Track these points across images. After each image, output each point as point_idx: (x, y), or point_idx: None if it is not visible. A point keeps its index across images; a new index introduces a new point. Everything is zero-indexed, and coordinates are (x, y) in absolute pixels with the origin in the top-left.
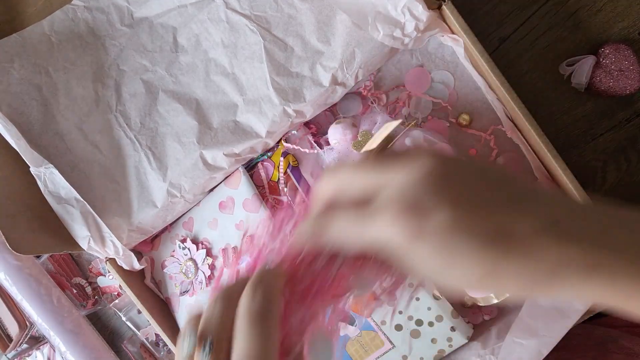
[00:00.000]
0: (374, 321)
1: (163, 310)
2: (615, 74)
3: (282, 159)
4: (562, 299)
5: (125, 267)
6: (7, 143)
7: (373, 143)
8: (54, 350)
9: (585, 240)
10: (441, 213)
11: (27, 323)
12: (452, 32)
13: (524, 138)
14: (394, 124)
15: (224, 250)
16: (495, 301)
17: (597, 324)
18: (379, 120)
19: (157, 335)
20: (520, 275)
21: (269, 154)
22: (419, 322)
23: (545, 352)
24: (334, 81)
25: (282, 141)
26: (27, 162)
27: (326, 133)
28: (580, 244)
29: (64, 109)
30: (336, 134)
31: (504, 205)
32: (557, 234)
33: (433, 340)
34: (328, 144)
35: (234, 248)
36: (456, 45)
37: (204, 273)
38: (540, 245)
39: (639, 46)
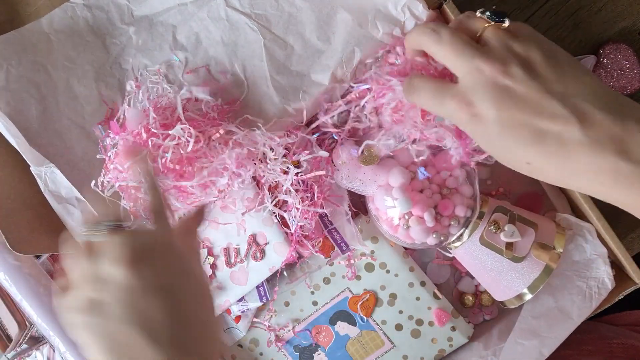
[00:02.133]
0: (375, 321)
1: None
2: (616, 74)
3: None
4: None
5: None
6: (7, 142)
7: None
8: (54, 351)
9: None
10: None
11: (27, 323)
12: None
13: None
14: None
15: (226, 249)
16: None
17: (599, 321)
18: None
19: None
20: (557, 170)
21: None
22: (419, 322)
23: (547, 353)
24: (334, 79)
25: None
26: (27, 161)
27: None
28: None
29: (64, 107)
30: (342, 156)
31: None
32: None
33: (433, 340)
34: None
35: (236, 248)
36: None
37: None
38: (576, 153)
39: (639, 46)
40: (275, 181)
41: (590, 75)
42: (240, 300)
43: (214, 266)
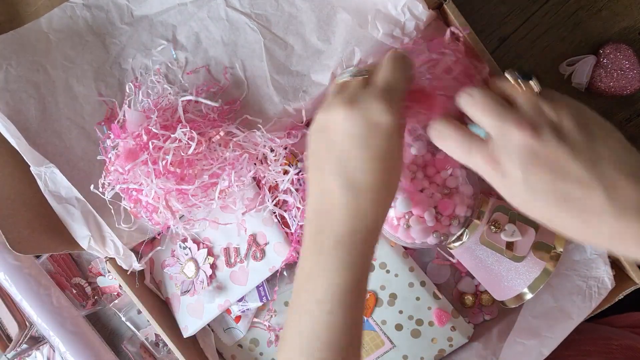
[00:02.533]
0: (375, 321)
1: (163, 310)
2: (616, 74)
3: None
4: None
5: (125, 267)
6: (7, 142)
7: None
8: (54, 351)
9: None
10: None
11: (27, 323)
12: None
13: None
14: None
15: (226, 249)
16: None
17: (599, 322)
18: None
19: (157, 335)
20: (579, 231)
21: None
22: (419, 322)
23: (547, 353)
24: (334, 79)
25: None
26: (27, 161)
27: None
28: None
29: (64, 107)
30: None
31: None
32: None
33: (433, 340)
34: None
35: (236, 248)
36: None
37: (205, 272)
38: (600, 219)
39: (639, 46)
40: (276, 181)
41: (619, 140)
42: (240, 300)
43: (214, 266)
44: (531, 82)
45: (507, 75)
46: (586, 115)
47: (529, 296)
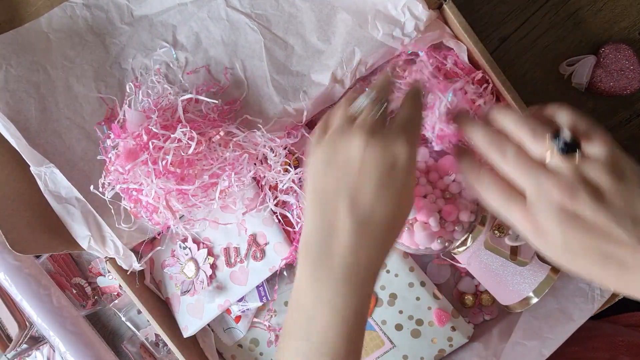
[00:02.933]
0: (375, 321)
1: (163, 310)
2: (616, 74)
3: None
4: None
5: (125, 267)
6: (6, 142)
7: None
8: (54, 351)
9: None
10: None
11: (27, 323)
12: (453, 32)
13: None
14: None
15: (226, 249)
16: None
17: (605, 320)
18: None
19: (157, 335)
20: (621, 286)
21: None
22: (419, 322)
23: (548, 354)
24: (334, 79)
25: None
26: (27, 161)
27: None
28: None
29: (64, 107)
30: None
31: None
32: None
33: (433, 340)
34: None
35: (236, 248)
36: (458, 49)
37: (205, 272)
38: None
39: (639, 46)
40: (276, 181)
41: None
42: (240, 300)
43: (214, 266)
44: (573, 157)
45: (549, 143)
46: (627, 171)
47: (534, 300)
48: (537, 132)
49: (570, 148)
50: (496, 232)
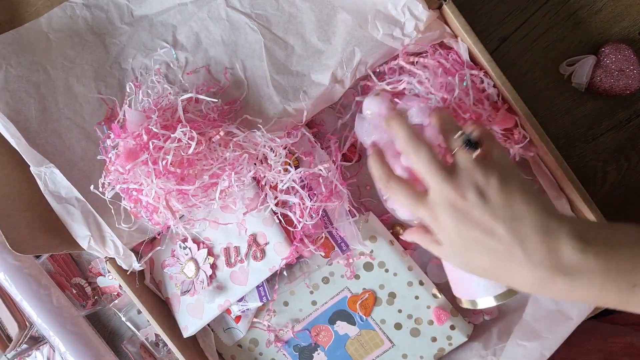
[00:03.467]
0: (374, 320)
1: (163, 310)
2: (616, 74)
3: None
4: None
5: (125, 267)
6: (6, 142)
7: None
8: (54, 351)
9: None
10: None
11: (27, 323)
12: (453, 32)
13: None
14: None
15: (226, 249)
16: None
17: (603, 320)
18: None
19: (157, 335)
20: (506, 278)
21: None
22: (419, 321)
23: (548, 354)
24: (334, 79)
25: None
26: (27, 161)
27: (330, 132)
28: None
29: (64, 107)
30: (372, 105)
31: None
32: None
33: (433, 339)
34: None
35: (236, 248)
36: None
37: (205, 272)
38: (520, 270)
39: (639, 46)
40: (277, 181)
41: (535, 200)
42: (240, 300)
43: (214, 266)
44: (476, 153)
45: (456, 138)
46: (513, 179)
47: (486, 304)
48: (450, 130)
49: (472, 145)
50: None
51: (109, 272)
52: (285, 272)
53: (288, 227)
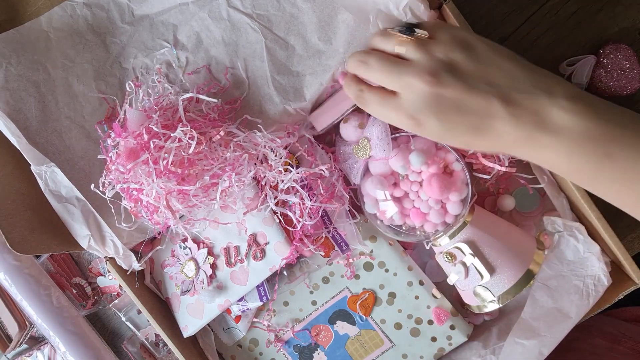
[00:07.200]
0: (374, 320)
1: (163, 310)
2: (616, 74)
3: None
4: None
5: (125, 267)
6: (7, 141)
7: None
8: (55, 351)
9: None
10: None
11: (27, 323)
12: None
13: None
14: None
15: (226, 249)
16: (487, 310)
17: (607, 314)
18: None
19: (157, 335)
20: (490, 147)
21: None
22: (419, 321)
23: (547, 353)
24: (335, 80)
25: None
26: (28, 160)
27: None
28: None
29: (64, 106)
30: (348, 132)
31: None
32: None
33: (433, 339)
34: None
35: (236, 247)
36: None
37: (205, 272)
38: (503, 129)
39: (639, 46)
40: (277, 181)
41: (508, 59)
42: (240, 300)
43: (214, 266)
44: (417, 33)
45: (391, 32)
46: (475, 43)
47: (492, 307)
48: (386, 31)
49: (411, 29)
50: (446, 257)
51: (109, 272)
52: (285, 272)
53: (288, 227)
